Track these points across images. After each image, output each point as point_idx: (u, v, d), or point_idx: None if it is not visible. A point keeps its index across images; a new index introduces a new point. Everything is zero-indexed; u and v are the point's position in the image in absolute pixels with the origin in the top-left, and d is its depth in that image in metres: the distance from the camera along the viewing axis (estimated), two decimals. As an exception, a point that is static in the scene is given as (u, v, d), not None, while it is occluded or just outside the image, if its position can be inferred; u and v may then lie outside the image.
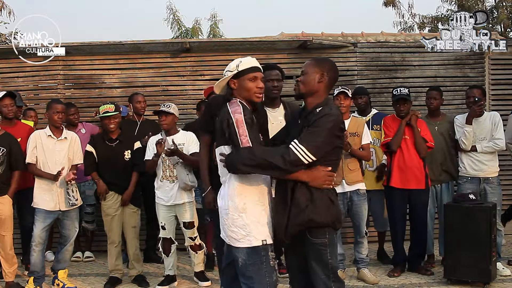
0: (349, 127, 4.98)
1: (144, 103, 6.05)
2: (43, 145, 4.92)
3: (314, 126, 2.90)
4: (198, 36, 18.26)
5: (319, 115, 2.93)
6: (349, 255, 5.67)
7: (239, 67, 3.02)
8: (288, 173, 2.89)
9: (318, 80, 3.07)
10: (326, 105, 3.01)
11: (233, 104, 2.98)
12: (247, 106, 2.98)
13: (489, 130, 5.29)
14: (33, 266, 4.91)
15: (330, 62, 3.23)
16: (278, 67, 4.48)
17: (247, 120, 2.88)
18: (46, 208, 4.87)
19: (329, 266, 2.99)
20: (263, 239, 2.90)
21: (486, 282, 4.80)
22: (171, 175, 4.94)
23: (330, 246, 2.99)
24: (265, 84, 4.29)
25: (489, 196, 5.24)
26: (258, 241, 2.89)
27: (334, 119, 2.92)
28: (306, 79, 3.10)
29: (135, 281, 5.17)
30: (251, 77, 3.02)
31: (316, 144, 2.86)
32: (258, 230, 2.90)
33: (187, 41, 7.01)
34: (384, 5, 17.18)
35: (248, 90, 3.02)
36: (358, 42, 7.13)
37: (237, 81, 3.03)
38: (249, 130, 2.87)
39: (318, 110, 2.97)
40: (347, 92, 5.03)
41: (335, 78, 3.17)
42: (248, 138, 2.84)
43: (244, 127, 2.86)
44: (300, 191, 2.93)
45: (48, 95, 6.66)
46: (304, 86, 3.10)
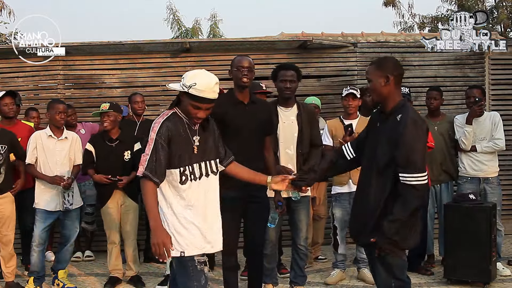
0: (357, 127, 4.98)
1: (143, 103, 6.01)
2: (44, 145, 4.91)
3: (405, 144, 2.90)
4: (198, 36, 18.27)
5: (402, 125, 2.93)
6: (349, 255, 5.67)
7: (190, 89, 2.87)
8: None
9: (384, 83, 3.05)
10: (403, 109, 3.01)
11: (159, 118, 2.97)
12: (169, 125, 2.92)
13: (489, 130, 5.28)
14: (33, 266, 4.91)
15: (391, 61, 3.18)
16: (295, 67, 4.48)
17: (157, 140, 2.88)
18: (47, 208, 4.87)
19: (391, 266, 3.02)
20: (181, 250, 2.95)
21: (486, 282, 4.80)
22: None
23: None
24: (278, 84, 4.37)
25: (489, 196, 5.24)
26: (177, 252, 2.94)
27: (419, 126, 2.95)
28: (373, 86, 3.10)
29: (131, 282, 5.17)
30: (194, 105, 2.90)
31: (419, 160, 2.90)
32: (176, 241, 2.94)
33: (187, 41, 7.02)
34: (384, 5, 17.17)
35: (188, 113, 2.96)
36: (358, 42, 7.13)
37: (184, 97, 2.95)
38: (154, 150, 2.87)
39: (398, 118, 2.97)
40: (356, 92, 5.03)
41: (401, 74, 3.13)
42: (147, 158, 2.87)
43: (151, 146, 2.89)
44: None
45: (48, 95, 6.66)
46: (374, 93, 3.12)
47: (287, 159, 4.40)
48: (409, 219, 2.93)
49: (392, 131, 2.97)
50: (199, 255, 2.98)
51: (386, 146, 2.98)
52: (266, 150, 4.10)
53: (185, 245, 2.96)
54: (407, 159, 2.89)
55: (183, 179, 2.96)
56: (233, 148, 3.80)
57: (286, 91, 4.36)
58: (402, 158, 2.90)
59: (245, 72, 3.87)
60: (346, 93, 5.02)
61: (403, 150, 2.90)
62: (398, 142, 2.91)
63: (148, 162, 2.87)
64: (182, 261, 2.97)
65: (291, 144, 4.41)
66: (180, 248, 2.95)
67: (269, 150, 4.13)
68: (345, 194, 4.94)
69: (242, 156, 3.80)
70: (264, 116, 4.03)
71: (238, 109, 3.89)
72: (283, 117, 4.43)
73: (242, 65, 3.88)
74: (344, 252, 5.08)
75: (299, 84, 4.54)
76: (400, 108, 3.02)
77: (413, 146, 2.90)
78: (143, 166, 2.88)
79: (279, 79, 4.40)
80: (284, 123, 4.42)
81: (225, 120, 3.82)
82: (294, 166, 4.38)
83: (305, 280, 4.71)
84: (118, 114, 5.09)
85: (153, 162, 2.87)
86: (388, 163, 2.97)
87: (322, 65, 6.93)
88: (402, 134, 2.91)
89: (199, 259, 2.97)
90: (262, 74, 6.35)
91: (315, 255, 5.90)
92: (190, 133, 2.99)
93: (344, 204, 4.95)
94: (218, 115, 3.84)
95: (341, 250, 5.04)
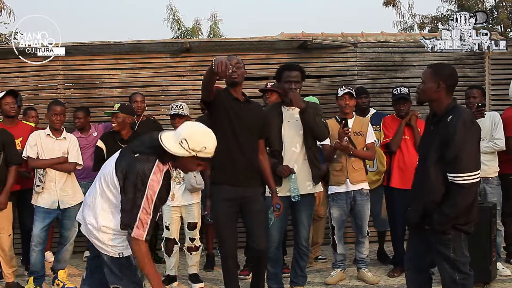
0: (353, 126, 4.99)
1: (142, 103, 5.98)
2: (42, 144, 4.92)
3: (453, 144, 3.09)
4: (198, 36, 18.28)
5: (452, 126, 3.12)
6: (349, 255, 5.67)
7: (199, 153, 2.87)
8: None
9: (435, 89, 3.24)
10: (454, 110, 3.19)
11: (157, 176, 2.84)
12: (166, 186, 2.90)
13: (488, 130, 5.27)
14: (33, 266, 4.91)
15: (448, 70, 3.32)
16: (299, 67, 4.47)
17: (157, 204, 2.85)
18: (44, 206, 4.86)
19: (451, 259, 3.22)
20: (120, 251, 2.97)
21: (486, 282, 4.80)
22: (178, 177, 4.93)
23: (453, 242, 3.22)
24: (283, 85, 4.39)
25: (489, 196, 5.23)
26: (115, 253, 2.96)
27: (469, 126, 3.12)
28: (424, 88, 3.31)
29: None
30: (201, 164, 2.99)
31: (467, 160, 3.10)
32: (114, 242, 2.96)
33: (187, 41, 7.01)
34: (384, 5, 17.17)
35: (188, 168, 3.04)
36: (358, 42, 7.13)
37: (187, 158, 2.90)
38: (155, 215, 2.86)
39: (449, 120, 3.16)
40: (352, 92, 5.03)
41: (454, 84, 3.31)
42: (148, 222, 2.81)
43: (150, 208, 2.82)
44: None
45: (48, 95, 6.66)
46: (423, 94, 3.34)
47: (293, 157, 4.39)
48: (459, 215, 3.15)
49: (443, 133, 3.17)
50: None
51: (439, 148, 3.18)
52: (260, 152, 4.10)
53: (123, 246, 2.97)
54: (455, 159, 3.09)
55: None
56: (228, 141, 3.85)
57: (291, 92, 4.35)
58: (450, 158, 3.11)
59: (233, 69, 3.89)
60: (342, 93, 5.02)
61: (451, 150, 3.10)
62: (448, 143, 3.11)
63: (149, 227, 2.85)
64: (118, 262, 2.99)
65: (297, 142, 4.41)
66: (118, 249, 2.97)
67: (263, 152, 4.14)
68: (342, 194, 4.94)
69: (236, 153, 3.85)
70: (258, 117, 4.07)
71: (234, 104, 3.95)
72: (287, 116, 4.43)
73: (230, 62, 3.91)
74: (343, 252, 5.08)
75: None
76: (451, 109, 3.21)
77: (462, 146, 3.09)
78: (144, 231, 2.82)
79: (283, 80, 4.38)
80: (289, 121, 4.42)
81: (221, 113, 3.85)
82: (299, 163, 4.37)
83: (305, 280, 4.72)
84: (127, 115, 5.05)
85: (151, 226, 2.87)
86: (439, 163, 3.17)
87: (322, 65, 6.93)
88: (451, 135, 3.10)
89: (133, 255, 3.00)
90: (262, 74, 6.37)
91: (315, 255, 5.90)
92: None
93: (341, 204, 4.95)
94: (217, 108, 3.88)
95: (339, 250, 5.04)
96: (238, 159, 3.89)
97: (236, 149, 3.89)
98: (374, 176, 5.50)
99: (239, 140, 3.89)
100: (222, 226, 3.93)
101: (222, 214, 3.91)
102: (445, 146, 3.15)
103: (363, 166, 5.00)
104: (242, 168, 3.91)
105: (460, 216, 3.18)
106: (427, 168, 3.25)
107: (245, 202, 3.93)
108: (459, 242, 3.25)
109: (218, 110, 3.91)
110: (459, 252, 3.25)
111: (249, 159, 3.93)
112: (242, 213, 4.03)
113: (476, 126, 3.19)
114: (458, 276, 3.24)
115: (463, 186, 3.10)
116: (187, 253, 5.04)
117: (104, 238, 2.97)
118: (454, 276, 3.24)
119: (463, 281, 3.25)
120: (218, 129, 3.90)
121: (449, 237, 3.22)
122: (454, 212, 3.15)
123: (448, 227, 3.18)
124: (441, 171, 3.17)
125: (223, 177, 3.91)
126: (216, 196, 3.97)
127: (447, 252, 3.24)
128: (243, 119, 3.93)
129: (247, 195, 3.92)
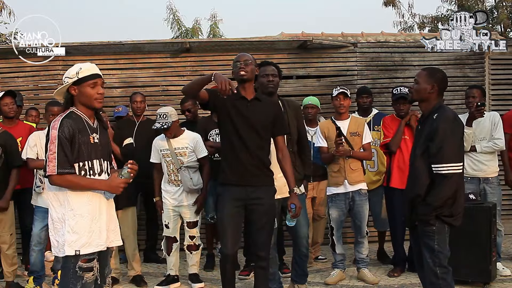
0: (349, 127, 4.99)
1: (142, 103, 5.95)
2: (42, 144, 4.91)
3: (437, 137, 3.33)
4: (198, 36, 18.28)
5: (436, 122, 3.37)
6: (349, 255, 5.67)
7: (79, 74, 3.05)
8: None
9: (429, 91, 3.50)
10: (439, 109, 3.45)
11: (57, 117, 3.05)
12: (69, 122, 3.00)
13: (488, 130, 5.28)
14: (33, 266, 4.91)
15: (441, 74, 3.59)
16: (274, 63, 4.46)
17: (60, 136, 2.94)
18: (44, 206, 4.85)
19: (435, 251, 3.38)
20: (76, 249, 2.98)
21: (486, 282, 4.80)
22: (176, 179, 4.93)
23: (437, 234, 3.37)
24: (260, 79, 4.34)
25: (489, 196, 5.23)
26: (71, 251, 2.97)
27: (452, 121, 3.37)
28: (419, 88, 3.54)
29: (133, 281, 5.17)
30: (91, 83, 3.07)
31: (450, 151, 3.32)
32: (72, 240, 2.97)
33: (187, 41, 7.02)
34: (384, 5, 17.16)
35: (89, 97, 3.09)
36: (358, 42, 7.13)
37: (77, 88, 3.08)
38: (60, 147, 2.93)
39: (435, 117, 3.41)
40: (347, 92, 5.03)
41: (445, 88, 3.62)
42: (56, 155, 2.92)
43: (55, 143, 2.93)
44: None
45: (48, 95, 6.64)
46: (416, 94, 3.56)
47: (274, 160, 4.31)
48: (443, 204, 3.32)
49: (428, 129, 3.41)
50: (85, 260, 3.00)
51: (424, 143, 3.42)
52: (279, 151, 3.97)
53: (80, 244, 2.98)
54: (439, 150, 3.31)
55: (82, 173, 3.03)
56: (233, 143, 3.81)
57: (269, 84, 4.26)
58: (434, 149, 3.33)
59: (242, 65, 3.84)
60: (336, 92, 5.02)
61: (435, 142, 3.33)
62: (433, 137, 3.35)
63: (59, 159, 2.92)
64: (68, 261, 3.00)
65: None
66: (75, 246, 2.98)
67: (282, 150, 3.97)
68: (341, 195, 4.94)
69: (242, 153, 3.81)
70: (269, 115, 3.90)
71: (239, 104, 3.84)
72: None
73: (238, 59, 3.89)
74: (342, 252, 5.08)
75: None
76: (437, 109, 3.46)
77: (445, 139, 3.31)
78: (54, 165, 2.92)
79: (260, 75, 4.29)
80: None
81: (223, 113, 3.83)
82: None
83: (306, 278, 4.70)
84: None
85: (63, 158, 2.93)
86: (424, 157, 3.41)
87: (322, 65, 6.93)
88: (435, 129, 3.34)
89: (83, 265, 3.00)
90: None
91: (315, 255, 5.90)
92: (89, 130, 3.09)
93: (340, 204, 4.95)
94: (219, 109, 3.85)
95: (338, 250, 5.04)
96: (244, 158, 3.81)
97: (241, 149, 3.81)
98: (374, 176, 5.51)
99: (245, 140, 3.78)
100: (226, 225, 3.87)
101: (227, 214, 3.87)
102: (429, 140, 3.37)
103: (361, 167, 5.01)
104: (249, 167, 3.81)
105: (444, 206, 3.33)
106: (412, 163, 3.51)
107: (251, 203, 3.85)
108: (443, 234, 3.40)
109: (220, 111, 3.87)
110: (442, 244, 3.39)
111: (256, 158, 3.85)
112: (246, 215, 3.95)
113: (458, 122, 3.44)
114: (439, 270, 3.40)
115: (445, 176, 3.30)
116: (187, 252, 5.04)
117: None
118: (436, 270, 3.40)
119: (443, 275, 3.40)
120: (223, 130, 3.90)
121: (433, 228, 3.37)
122: (437, 201, 3.32)
123: (432, 217, 3.34)
124: (426, 165, 3.39)
125: (230, 177, 3.87)
126: (224, 196, 3.91)
127: (432, 243, 3.39)
128: (248, 119, 3.81)
129: (255, 196, 3.83)
